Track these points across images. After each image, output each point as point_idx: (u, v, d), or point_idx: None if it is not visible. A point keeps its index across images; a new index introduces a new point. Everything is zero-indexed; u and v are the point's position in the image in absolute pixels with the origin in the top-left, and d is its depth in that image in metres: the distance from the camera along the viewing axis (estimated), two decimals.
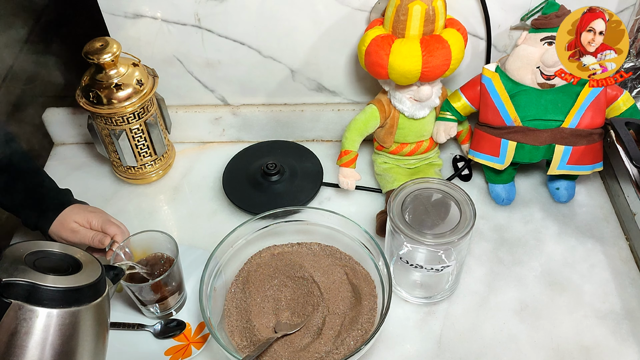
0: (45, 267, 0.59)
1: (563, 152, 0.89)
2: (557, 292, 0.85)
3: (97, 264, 0.63)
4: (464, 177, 1.01)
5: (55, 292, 0.57)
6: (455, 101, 0.94)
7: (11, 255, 0.59)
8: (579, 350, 0.79)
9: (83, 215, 0.82)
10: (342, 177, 0.94)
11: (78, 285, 0.59)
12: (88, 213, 0.82)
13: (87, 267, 0.62)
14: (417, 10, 0.81)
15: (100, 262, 0.64)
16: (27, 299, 0.57)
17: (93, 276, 0.61)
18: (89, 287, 0.60)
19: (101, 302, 0.62)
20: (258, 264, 0.85)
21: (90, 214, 0.82)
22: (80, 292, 0.59)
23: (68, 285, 0.58)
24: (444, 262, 0.77)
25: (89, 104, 0.90)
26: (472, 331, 0.81)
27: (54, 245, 0.63)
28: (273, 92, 1.04)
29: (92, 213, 0.83)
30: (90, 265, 0.62)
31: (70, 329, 0.58)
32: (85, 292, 0.60)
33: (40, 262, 0.60)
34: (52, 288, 0.57)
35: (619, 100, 0.90)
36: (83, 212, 0.82)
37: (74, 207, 0.83)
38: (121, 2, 0.92)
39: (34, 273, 0.58)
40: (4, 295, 0.56)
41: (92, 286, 0.60)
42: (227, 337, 0.77)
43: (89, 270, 0.61)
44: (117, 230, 0.80)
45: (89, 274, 0.61)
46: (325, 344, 0.75)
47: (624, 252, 0.90)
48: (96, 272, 0.62)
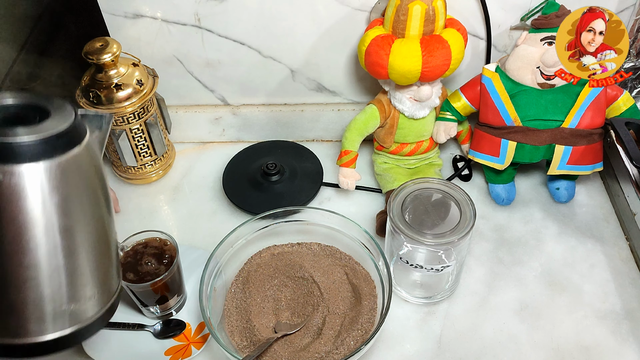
0: (9, 119, 0.51)
1: (563, 152, 0.89)
2: (557, 292, 0.85)
3: (69, 108, 0.53)
4: (464, 177, 1.01)
5: (26, 146, 0.50)
6: (455, 101, 0.94)
7: None
8: (579, 350, 0.79)
9: None
10: (342, 177, 0.94)
11: (49, 134, 0.50)
12: None
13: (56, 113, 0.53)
14: (417, 10, 0.81)
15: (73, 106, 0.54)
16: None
17: (65, 122, 0.52)
18: (61, 135, 0.51)
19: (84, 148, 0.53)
20: (258, 264, 0.85)
21: None
22: (53, 141, 0.50)
23: (38, 136, 0.50)
24: (444, 262, 0.77)
25: (89, 104, 0.90)
26: (472, 331, 0.81)
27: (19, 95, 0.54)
28: (273, 92, 1.04)
29: None
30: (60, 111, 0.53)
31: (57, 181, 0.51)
32: (59, 140, 0.51)
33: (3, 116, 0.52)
34: (20, 143, 0.49)
35: (619, 100, 0.90)
36: None
37: None
38: (121, 2, 0.92)
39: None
40: None
41: (66, 133, 0.51)
42: (227, 337, 0.77)
43: (59, 117, 0.52)
44: None
45: (59, 121, 0.52)
46: (325, 344, 0.75)
47: (624, 252, 0.90)
48: (68, 117, 0.52)
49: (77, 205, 0.54)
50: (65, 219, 0.53)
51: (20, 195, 0.50)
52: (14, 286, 0.52)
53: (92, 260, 0.56)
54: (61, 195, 0.52)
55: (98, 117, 0.61)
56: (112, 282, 0.60)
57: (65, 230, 0.53)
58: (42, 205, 0.51)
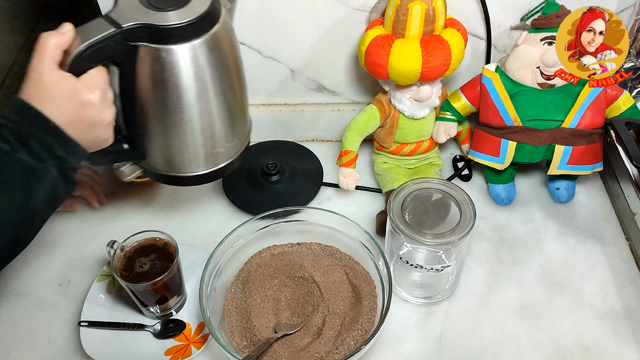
0: (157, 2, 0.63)
1: (563, 152, 0.89)
2: (557, 292, 0.85)
3: None
4: (464, 177, 1.01)
5: (174, 29, 0.61)
6: (455, 101, 0.94)
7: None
8: (579, 350, 0.79)
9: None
10: (342, 177, 0.94)
11: (195, 18, 0.62)
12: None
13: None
14: (417, 10, 0.81)
15: None
16: (151, 39, 0.62)
17: (204, 3, 0.63)
18: (204, 16, 0.63)
19: (222, 24, 0.65)
20: (258, 264, 0.85)
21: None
22: (200, 22, 0.62)
23: (186, 20, 0.61)
24: (444, 262, 0.77)
25: None
26: (472, 331, 0.81)
27: None
28: (273, 92, 1.04)
29: None
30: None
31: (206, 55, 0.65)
32: (202, 21, 0.63)
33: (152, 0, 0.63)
34: (170, 26, 0.61)
35: (619, 100, 0.90)
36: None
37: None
38: None
39: (151, 12, 0.62)
40: (129, 40, 0.61)
41: (207, 14, 0.63)
42: (227, 337, 0.77)
43: None
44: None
45: (198, 1, 0.64)
46: (325, 344, 0.75)
47: (624, 252, 0.90)
48: None
49: (219, 73, 0.68)
50: (210, 85, 0.68)
51: (178, 69, 0.64)
52: (176, 135, 0.70)
53: (230, 118, 0.73)
54: (207, 66, 0.66)
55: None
56: (243, 135, 0.79)
57: (211, 94, 0.68)
58: (194, 75, 0.65)
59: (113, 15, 0.61)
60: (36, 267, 0.89)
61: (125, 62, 0.65)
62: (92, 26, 0.61)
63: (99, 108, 0.62)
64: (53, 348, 0.80)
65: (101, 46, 0.61)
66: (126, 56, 0.64)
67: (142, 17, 0.61)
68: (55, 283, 0.88)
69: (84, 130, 0.62)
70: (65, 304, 0.85)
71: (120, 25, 0.61)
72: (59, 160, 0.59)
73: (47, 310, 0.84)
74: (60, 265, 0.90)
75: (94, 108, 0.61)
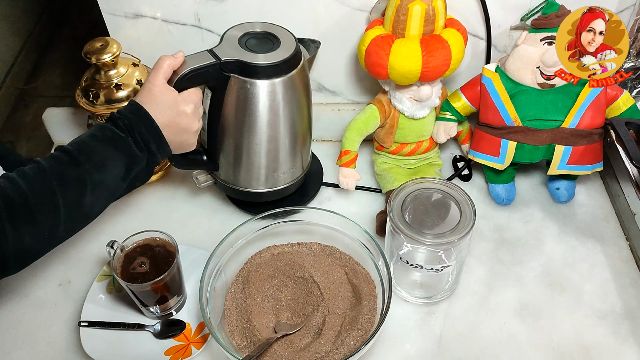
0: (254, 45, 0.80)
1: (563, 152, 0.89)
2: (557, 292, 0.85)
3: (291, 36, 0.82)
4: (464, 177, 1.01)
5: (260, 67, 0.78)
6: (455, 101, 0.94)
7: (229, 37, 0.81)
8: (579, 350, 0.79)
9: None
10: (342, 177, 0.94)
11: (279, 60, 0.78)
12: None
13: (284, 41, 0.81)
14: (417, 10, 0.81)
15: (294, 36, 0.83)
16: (241, 72, 0.78)
17: (289, 50, 0.80)
18: (285, 61, 0.79)
19: (299, 69, 0.81)
20: (258, 264, 0.85)
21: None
22: (282, 65, 0.79)
23: (270, 62, 0.78)
24: (444, 262, 0.77)
25: (89, 104, 0.90)
26: (472, 331, 0.81)
27: (255, 25, 0.83)
28: None
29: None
30: (286, 37, 0.82)
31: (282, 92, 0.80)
32: (283, 65, 0.79)
33: (250, 42, 0.81)
34: (258, 64, 0.78)
35: (619, 100, 0.90)
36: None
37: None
38: (121, 2, 0.92)
39: (245, 52, 0.79)
40: (224, 70, 0.78)
41: (288, 60, 0.79)
42: (227, 337, 0.77)
43: (285, 45, 0.81)
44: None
45: (285, 48, 0.80)
46: (325, 344, 0.75)
47: (624, 252, 0.90)
48: (291, 45, 0.81)
49: (289, 109, 0.83)
50: (281, 117, 0.83)
51: (257, 99, 0.80)
52: (245, 154, 0.86)
53: (293, 148, 0.87)
54: (281, 101, 0.81)
55: (312, 42, 0.91)
56: (304, 164, 0.93)
57: (280, 124, 0.83)
58: (269, 106, 0.81)
59: (216, 50, 0.79)
60: (36, 267, 0.89)
61: (218, 87, 0.81)
62: (198, 56, 0.78)
63: (190, 118, 0.76)
64: (53, 348, 0.80)
65: (202, 72, 0.77)
66: (219, 83, 0.80)
67: (237, 55, 0.78)
68: (55, 283, 0.88)
69: (176, 133, 0.75)
70: (65, 304, 0.85)
71: (220, 58, 0.78)
72: (151, 154, 0.73)
73: (47, 310, 0.84)
74: (60, 265, 0.90)
75: (187, 117, 0.76)
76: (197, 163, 0.90)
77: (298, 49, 0.82)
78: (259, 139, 0.84)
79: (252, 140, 0.84)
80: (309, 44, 0.90)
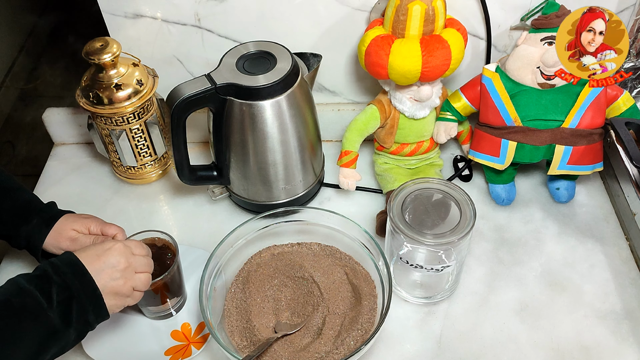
0: (250, 66, 0.83)
1: (563, 152, 0.89)
2: (557, 292, 0.85)
3: (288, 54, 0.84)
4: (464, 177, 1.01)
5: (254, 89, 0.80)
6: (455, 101, 0.94)
7: (227, 61, 0.84)
8: (579, 350, 0.79)
9: (80, 222, 0.81)
10: (343, 178, 0.94)
11: (272, 82, 0.80)
12: (84, 219, 0.81)
13: (280, 59, 0.83)
14: (416, 10, 0.81)
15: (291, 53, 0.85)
16: (236, 95, 0.81)
17: (284, 69, 0.82)
18: (280, 81, 0.81)
19: (297, 86, 0.83)
20: (258, 264, 0.85)
21: (87, 219, 0.81)
22: (275, 86, 0.81)
23: (262, 84, 0.80)
24: (444, 262, 0.77)
25: (89, 104, 0.90)
26: (472, 331, 0.81)
27: (249, 45, 0.86)
28: None
29: (88, 219, 0.81)
30: (282, 55, 0.84)
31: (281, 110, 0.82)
32: (277, 86, 0.81)
33: (247, 64, 0.83)
34: (251, 86, 0.80)
35: (619, 100, 0.90)
36: (79, 219, 0.81)
37: (68, 216, 0.82)
38: (121, 2, 0.92)
39: (240, 75, 0.81)
40: (220, 94, 0.81)
41: (283, 80, 0.81)
42: (227, 337, 0.77)
43: (281, 63, 0.83)
44: (116, 230, 0.80)
45: (281, 67, 0.82)
46: (325, 344, 0.75)
47: (624, 252, 0.90)
48: (287, 64, 0.82)
49: (292, 124, 0.85)
50: (284, 134, 0.85)
51: (261, 119, 0.83)
52: (257, 171, 0.88)
53: (303, 160, 0.90)
54: (282, 119, 0.83)
55: (313, 56, 0.90)
56: (314, 174, 0.95)
57: (284, 141, 0.85)
58: (269, 125, 0.83)
59: (213, 75, 0.82)
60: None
61: (217, 109, 0.84)
62: (195, 81, 0.81)
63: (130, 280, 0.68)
64: None
65: (199, 97, 0.80)
66: (218, 105, 0.83)
67: (232, 78, 0.81)
68: None
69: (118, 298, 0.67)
70: None
71: (216, 83, 0.80)
72: (85, 325, 0.65)
73: None
74: None
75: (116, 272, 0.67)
76: (210, 179, 0.92)
77: (294, 67, 0.83)
78: (265, 157, 0.86)
79: (259, 158, 0.86)
80: (309, 58, 0.91)
